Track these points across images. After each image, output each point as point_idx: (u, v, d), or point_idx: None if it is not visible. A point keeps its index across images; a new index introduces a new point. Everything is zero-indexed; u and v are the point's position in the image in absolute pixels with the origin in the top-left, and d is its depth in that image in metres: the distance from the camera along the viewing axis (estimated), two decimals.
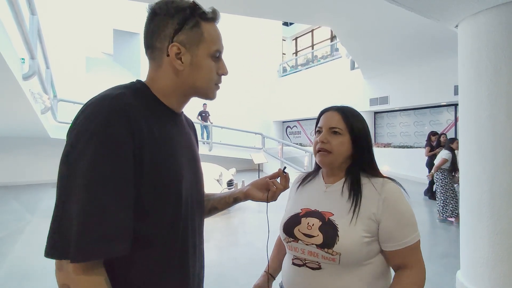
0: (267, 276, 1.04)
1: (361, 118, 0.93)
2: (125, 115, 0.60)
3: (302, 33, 16.03)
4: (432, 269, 2.89)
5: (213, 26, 0.72)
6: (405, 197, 0.86)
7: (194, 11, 0.68)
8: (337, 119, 0.91)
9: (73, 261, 0.53)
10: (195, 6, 0.69)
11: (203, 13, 0.70)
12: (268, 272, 1.05)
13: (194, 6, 0.69)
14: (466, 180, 2.25)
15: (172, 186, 0.67)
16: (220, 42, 0.73)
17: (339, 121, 0.90)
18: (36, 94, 4.64)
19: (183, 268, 0.71)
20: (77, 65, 9.92)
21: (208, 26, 0.71)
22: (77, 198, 0.54)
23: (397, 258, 0.84)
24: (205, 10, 0.71)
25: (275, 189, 0.87)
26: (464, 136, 2.26)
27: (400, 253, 0.82)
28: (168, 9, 0.67)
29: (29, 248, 3.61)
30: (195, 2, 0.70)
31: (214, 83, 0.74)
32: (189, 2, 0.69)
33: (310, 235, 0.85)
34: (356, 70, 10.06)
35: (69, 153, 0.57)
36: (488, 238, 2.04)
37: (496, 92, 2.00)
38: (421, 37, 6.35)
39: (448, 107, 8.27)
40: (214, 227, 4.52)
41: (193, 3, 0.69)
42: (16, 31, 2.97)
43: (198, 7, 0.69)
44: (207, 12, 0.70)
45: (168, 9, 0.67)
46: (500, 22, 1.98)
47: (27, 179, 8.78)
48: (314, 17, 6.11)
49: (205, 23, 0.70)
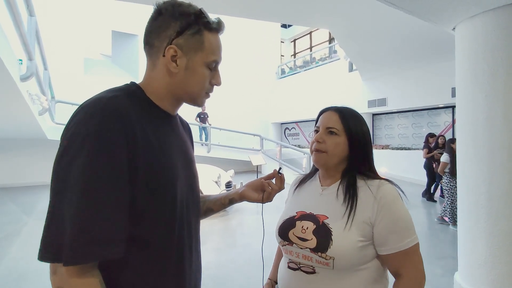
0: (271, 283, 1.03)
1: (361, 119, 0.92)
2: (118, 118, 0.59)
3: (301, 35, 16.08)
4: (430, 271, 2.89)
5: (215, 37, 0.72)
6: (401, 199, 0.84)
7: (199, 18, 0.69)
8: (334, 119, 0.90)
9: (66, 264, 0.53)
10: (201, 14, 0.69)
11: (207, 23, 0.70)
12: (272, 279, 1.05)
13: (200, 14, 0.69)
14: (464, 182, 2.26)
15: (167, 188, 0.67)
16: (219, 53, 0.73)
17: (336, 121, 0.89)
18: (33, 96, 4.63)
19: (179, 269, 0.71)
20: (75, 66, 9.90)
21: (211, 36, 0.71)
22: (70, 200, 0.54)
23: (393, 263, 0.81)
24: (210, 20, 0.70)
25: (271, 190, 0.87)
26: (461, 138, 2.27)
27: (395, 258, 0.80)
28: (173, 11, 0.67)
29: (26, 250, 3.59)
30: (201, 10, 0.70)
31: (205, 91, 0.74)
32: (195, 9, 0.69)
33: (304, 239, 0.84)
34: (354, 72, 10.10)
35: (62, 156, 0.57)
36: (486, 240, 2.05)
37: (493, 94, 2.01)
38: (419, 39, 6.38)
39: (446, 109, 8.30)
40: (211, 228, 4.51)
41: (199, 11, 0.69)
42: (14, 32, 2.96)
43: (204, 15, 0.69)
44: (212, 22, 0.70)
45: (174, 11, 0.67)
46: (497, 25, 2.00)
47: (25, 181, 8.73)
48: (312, 19, 6.12)
49: (208, 32, 0.70)
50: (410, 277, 0.80)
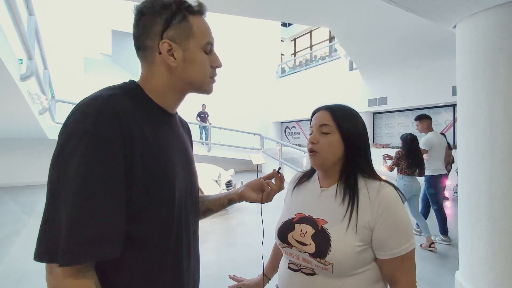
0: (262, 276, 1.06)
1: (354, 116, 0.89)
2: (116, 116, 0.59)
3: (301, 34, 16.06)
4: (431, 270, 2.88)
5: (201, 19, 0.72)
6: (402, 203, 0.82)
7: (180, 5, 0.68)
8: (326, 118, 0.88)
9: (61, 264, 0.52)
10: (181, 1, 0.68)
11: (189, 7, 0.69)
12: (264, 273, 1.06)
13: (180, 0, 0.68)
14: (464, 181, 2.25)
15: (165, 187, 0.66)
16: (210, 34, 0.73)
17: (328, 120, 0.87)
18: (34, 95, 4.62)
19: (177, 269, 0.71)
20: (75, 65, 9.90)
21: (196, 19, 0.70)
22: (66, 200, 0.54)
23: (387, 268, 0.81)
24: (191, 3, 0.70)
25: (270, 190, 0.86)
26: (462, 137, 2.26)
27: (391, 262, 0.79)
28: (154, 7, 0.67)
29: (25, 250, 3.59)
30: None
31: (209, 76, 0.73)
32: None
33: (303, 243, 0.83)
34: (354, 70, 10.08)
35: (59, 155, 0.57)
36: (487, 239, 2.04)
37: (494, 93, 2.00)
38: (420, 38, 6.36)
39: (447, 107, 8.28)
40: (212, 228, 4.50)
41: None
42: (13, 31, 2.96)
43: (184, 1, 0.69)
44: (193, 6, 0.70)
45: (154, 7, 0.67)
46: (498, 23, 1.98)
47: (25, 180, 8.74)
48: (312, 18, 6.11)
49: (193, 16, 0.70)
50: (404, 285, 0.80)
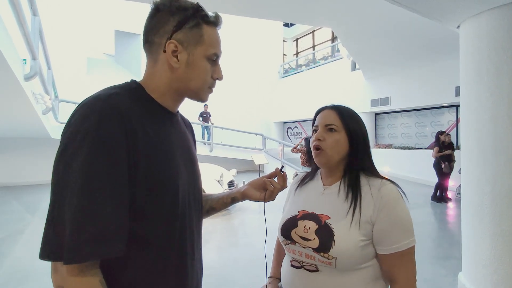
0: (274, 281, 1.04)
1: (358, 117, 0.93)
2: (118, 115, 0.59)
3: (303, 34, 16.03)
4: (434, 271, 2.87)
5: (214, 30, 0.72)
6: (403, 201, 0.84)
7: (196, 12, 0.69)
8: (333, 116, 0.91)
9: (66, 262, 0.53)
10: (198, 8, 0.70)
11: (205, 16, 0.70)
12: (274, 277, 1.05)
13: (197, 7, 0.70)
14: (468, 181, 2.24)
15: (168, 186, 0.67)
16: (219, 46, 0.73)
17: (335, 118, 0.90)
18: (37, 95, 4.65)
19: (181, 268, 0.71)
20: (79, 65, 9.95)
21: (209, 29, 0.71)
22: (71, 198, 0.54)
23: (386, 263, 0.82)
24: (208, 13, 0.71)
25: (273, 189, 0.87)
26: (466, 138, 2.26)
27: (390, 258, 0.80)
28: (171, 6, 0.68)
29: (29, 249, 3.61)
30: (198, 4, 0.70)
31: (207, 85, 0.74)
32: (192, 3, 0.70)
33: (306, 239, 0.84)
34: (357, 71, 10.06)
35: (62, 154, 0.57)
36: (490, 240, 2.03)
37: (497, 93, 1.99)
38: (423, 38, 6.34)
39: (450, 108, 8.25)
40: (214, 228, 4.51)
41: (196, 4, 0.70)
42: (17, 31, 2.98)
43: (201, 9, 0.70)
44: (210, 16, 0.71)
45: (171, 6, 0.68)
46: (501, 23, 1.97)
47: (28, 180, 8.80)
48: (315, 18, 6.10)
49: (206, 26, 0.71)
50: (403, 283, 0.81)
